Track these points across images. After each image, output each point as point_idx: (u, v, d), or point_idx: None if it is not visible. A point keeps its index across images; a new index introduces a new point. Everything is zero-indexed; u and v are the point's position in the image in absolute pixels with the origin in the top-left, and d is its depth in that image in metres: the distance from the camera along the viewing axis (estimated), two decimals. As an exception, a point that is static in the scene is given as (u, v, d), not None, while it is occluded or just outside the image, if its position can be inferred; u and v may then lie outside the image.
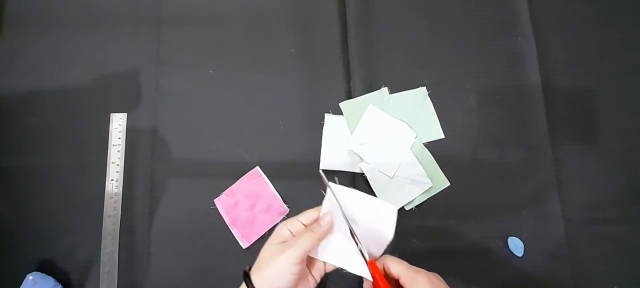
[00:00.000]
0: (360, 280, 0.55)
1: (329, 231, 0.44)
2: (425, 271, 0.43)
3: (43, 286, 0.53)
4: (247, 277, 0.43)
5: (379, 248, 0.45)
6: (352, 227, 0.44)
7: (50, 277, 0.54)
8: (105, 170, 0.59)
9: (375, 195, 0.57)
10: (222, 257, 0.57)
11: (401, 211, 0.58)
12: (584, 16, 0.65)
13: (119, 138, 0.60)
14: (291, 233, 0.44)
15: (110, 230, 0.57)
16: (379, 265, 0.44)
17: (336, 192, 0.45)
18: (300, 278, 0.43)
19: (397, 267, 0.43)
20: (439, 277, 0.42)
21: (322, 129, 0.60)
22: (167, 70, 0.62)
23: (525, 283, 0.56)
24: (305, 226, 0.45)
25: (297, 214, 0.57)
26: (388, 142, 0.59)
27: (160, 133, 0.61)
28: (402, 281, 0.42)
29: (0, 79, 0.62)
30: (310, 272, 0.45)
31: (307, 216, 0.45)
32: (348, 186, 0.57)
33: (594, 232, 0.58)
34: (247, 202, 0.58)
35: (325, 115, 0.61)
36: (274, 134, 0.60)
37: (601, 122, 0.61)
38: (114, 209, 0.58)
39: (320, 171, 0.47)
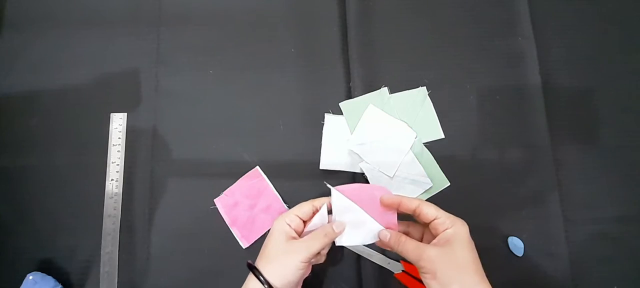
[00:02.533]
0: (360, 280, 0.56)
1: (340, 234, 0.46)
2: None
3: (43, 286, 0.53)
4: (253, 269, 0.44)
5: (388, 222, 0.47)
6: (363, 214, 0.47)
7: (50, 277, 0.54)
8: (105, 170, 0.59)
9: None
10: (222, 257, 0.57)
11: (401, 211, 0.58)
12: (584, 16, 0.65)
13: (119, 138, 0.60)
14: (290, 226, 0.46)
15: (110, 230, 0.57)
16: (413, 205, 0.45)
17: (338, 196, 0.47)
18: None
19: (434, 210, 0.44)
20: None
21: (322, 129, 0.60)
22: (167, 70, 0.62)
23: (525, 283, 0.56)
24: (302, 220, 0.47)
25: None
26: (388, 142, 0.59)
27: (160, 133, 0.61)
28: (437, 223, 0.44)
29: (0, 79, 0.62)
30: None
31: (302, 210, 0.47)
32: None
33: (594, 232, 0.58)
34: (247, 202, 0.58)
35: (325, 115, 0.61)
36: (274, 134, 0.60)
37: (601, 122, 0.61)
38: (114, 209, 0.58)
39: (327, 184, 0.48)
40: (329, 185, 0.47)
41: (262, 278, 0.43)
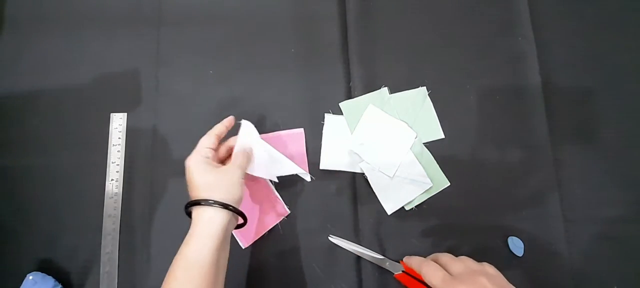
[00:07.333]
0: (360, 280, 0.56)
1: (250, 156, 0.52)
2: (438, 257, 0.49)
3: (43, 286, 0.53)
4: (200, 202, 0.45)
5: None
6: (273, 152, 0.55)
7: (50, 277, 0.54)
8: (105, 170, 0.59)
9: (376, 195, 0.57)
10: (222, 257, 0.57)
11: (401, 211, 0.58)
12: (584, 16, 0.64)
13: (119, 138, 0.60)
14: (209, 154, 0.49)
15: (110, 230, 0.57)
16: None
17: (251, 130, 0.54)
18: None
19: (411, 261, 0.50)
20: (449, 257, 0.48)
21: (322, 129, 0.60)
22: (167, 70, 0.62)
23: (525, 283, 0.56)
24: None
25: (298, 215, 0.58)
26: (388, 142, 0.59)
27: (160, 133, 0.61)
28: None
29: (0, 79, 0.62)
30: None
31: (218, 129, 0.52)
32: (348, 186, 0.58)
33: (594, 232, 0.58)
34: (247, 202, 0.58)
35: (325, 115, 0.61)
36: (274, 134, 0.60)
37: (601, 122, 0.61)
38: (114, 209, 0.58)
39: (242, 122, 0.54)
40: (241, 122, 0.54)
41: (215, 203, 0.45)
